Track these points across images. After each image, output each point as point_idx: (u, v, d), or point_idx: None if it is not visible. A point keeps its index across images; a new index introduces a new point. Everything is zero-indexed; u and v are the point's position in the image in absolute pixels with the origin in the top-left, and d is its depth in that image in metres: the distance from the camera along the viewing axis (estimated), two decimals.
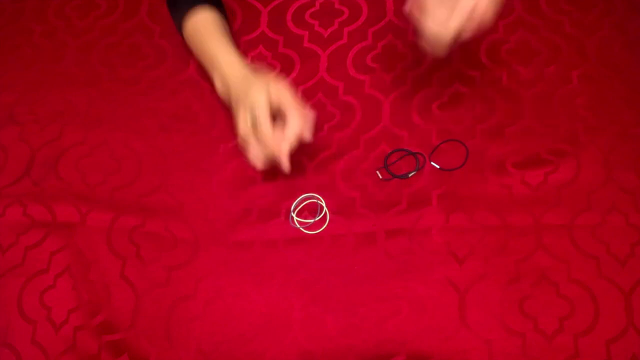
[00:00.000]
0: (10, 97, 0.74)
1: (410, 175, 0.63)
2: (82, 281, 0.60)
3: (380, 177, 0.64)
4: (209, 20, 0.67)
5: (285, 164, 0.58)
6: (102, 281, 0.60)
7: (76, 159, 0.68)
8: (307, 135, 0.59)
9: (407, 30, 0.74)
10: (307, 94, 0.71)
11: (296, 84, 0.72)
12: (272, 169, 0.62)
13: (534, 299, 0.56)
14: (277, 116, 0.59)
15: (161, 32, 0.78)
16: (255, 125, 0.58)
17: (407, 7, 0.57)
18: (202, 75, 0.74)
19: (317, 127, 0.69)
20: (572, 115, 0.66)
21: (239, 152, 0.68)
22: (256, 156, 0.59)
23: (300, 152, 0.67)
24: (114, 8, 0.81)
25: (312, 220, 0.63)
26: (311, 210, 0.64)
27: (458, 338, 0.55)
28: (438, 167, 0.63)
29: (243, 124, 0.59)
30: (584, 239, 0.58)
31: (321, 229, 0.62)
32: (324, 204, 0.64)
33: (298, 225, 0.63)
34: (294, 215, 0.63)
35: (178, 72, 0.75)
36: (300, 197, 0.64)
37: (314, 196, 0.64)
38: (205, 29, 0.66)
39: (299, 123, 0.58)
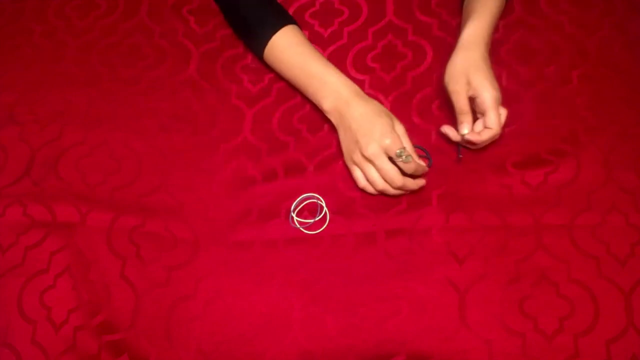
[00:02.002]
0: (10, 97, 0.74)
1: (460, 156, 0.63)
2: (82, 281, 0.60)
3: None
4: (293, 38, 0.69)
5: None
6: (102, 281, 0.60)
7: (76, 159, 0.68)
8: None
9: (407, 30, 0.74)
10: None
11: None
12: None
13: (534, 299, 0.56)
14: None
15: (161, 32, 0.78)
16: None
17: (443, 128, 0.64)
18: (202, 75, 0.74)
19: (317, 127, 0.69)
20: (572, 115, 0.66)
21: (239, 152, 0.68)
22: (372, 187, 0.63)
23: (300, 152, 0.67)
24: (114, 8, 0.81)
25: (312, 220, 0.63)
26: (311, 210, 0.64)
27: (458, 338, 0.55)
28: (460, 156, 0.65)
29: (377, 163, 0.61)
30: (584, 239, 0.58)
31: (321, 229, 0.62)
32: (324, 204, 0.64)
33: (298, 225, 0.63)
34: (294, 215, 0.63)
35: (178, 72, 0.75)
36: (300, 197, 0.64)
37: (314, 196, 0.64)
38: (298, 45, 0.68)
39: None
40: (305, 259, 0.61)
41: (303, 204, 0.64)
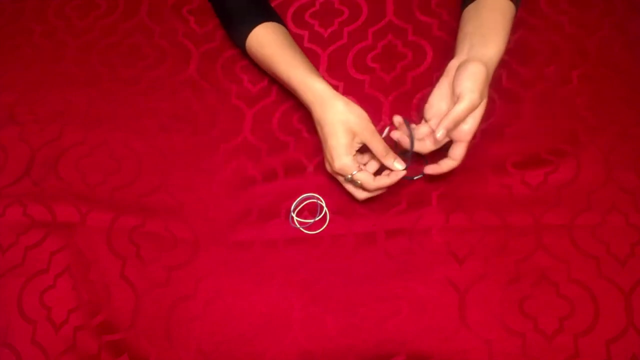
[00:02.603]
0: (10, 97, 0.74)
1: (415, 178, 0.63)
2: (82, 281, 0.60)
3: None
4: (272, 35, 0.66)
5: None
6: (102, 281, 0.60)
7: (76, 159, 0.68)
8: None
9: (407, 30, 0.74)
10: None
11: None
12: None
13: (534, 299, 0.56)
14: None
15: (161, 32, 0.78)
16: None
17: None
18: (202, 75, 0.74)
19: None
20: (572, 115, 0.66)
21: (239, 152, 0.68)
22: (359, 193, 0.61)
23: (300, 152, 0.67)
24: (114, 8, 0.81)
25: (312, 220, 0.63)
26: (311, 210, 0.64)
27: (458, 338, 0.55)
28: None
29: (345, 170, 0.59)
30: (584, 239, 0.58)
31: (321, 229, 0.62)
32: (324, 204, 0.64)
33: (298, 225, 0.63)
34: (294, 215, 0.63)
35: (178, 72, 0.75)
36: (300, 197, 0.64)
37: (314, 196, 0.64)
38: (272, 47, 0.65)
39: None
40: (305, 259, 0.61)
41: (303, 204, 0.64)
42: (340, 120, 0.58)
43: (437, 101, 0.60)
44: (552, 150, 0.64)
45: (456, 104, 0.56)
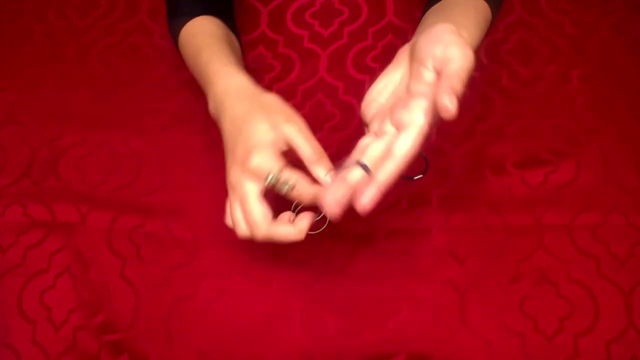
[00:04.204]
0: (10, 97, 0.74)
1: (415, 178, 0.63)
2: (82, 281, 0.60)
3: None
4: (207, 26, 0.59)
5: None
6: (102, 281, 0.60)
7: (76, 159, 0.68)
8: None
9: (407, 30, 0.74)
10: (307, 94, 0.71)
11: (296, 84, 0.72)
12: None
13: (534, 299, 0.56)
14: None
15: (161, 32, 0.78)
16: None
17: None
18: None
19: (317, 128, 0.69)
20: (572, 115, 0.66)
21: None
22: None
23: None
24: (114, 8, 0.81)
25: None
26: (311, 210, 0.63)
27: (458, 338, 0.55)
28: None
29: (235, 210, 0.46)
30: (584, 239, 0.58)
31: (321, 229, 0.62)
32: None
33: None
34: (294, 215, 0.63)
35: (178, 72, 0.75)
36: None
37: None
38: (202, 37, 0.57)
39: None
40: (305, 259, 0.61)
41: (303, 204, 0.64)
42: (259, 104, 0.46)
43: (377, 94, 0.47)
44: (552, 150, 0.64)
45: (448, 65, 0.39)
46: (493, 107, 0.67)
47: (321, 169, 0.44)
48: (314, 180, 0.44)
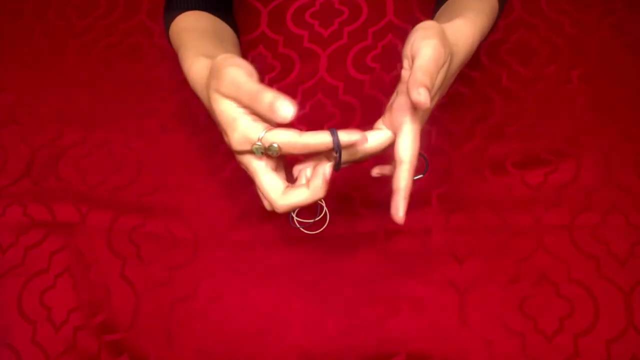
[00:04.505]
0: (10, 97, 0.75)
1: (415, 178, 0.63)
2: (82, 281, 0.60)
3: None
4: (192, 21, 0.58)
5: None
6: (102, 281, 0.60)
7: (76, 159, 0.68)
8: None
9: (407, 30, 0.74)
10: (307, 94, 0.71)
11: (296, 84, 0.72)
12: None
13: (534, 299, 0.56)
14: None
15: (161, 32, 0.78)
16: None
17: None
18: None
19: (317, 127, 0.69)
20: (572, 115, 0.66)
21: None
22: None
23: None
24: (114, 8, 0.81)
25: (312, 220, 0.63)
26: (311, 210, 0.64)
27: (458, 338, 0.55)
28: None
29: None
30: (584, 239, 0.58)
31: (321, 229, 0.62)
32: (324, 204, 0.64)
33: (298, 225, 0.63)
34: (293, 215, 0.63)
35: (178, 72, 0.74)
36: None
37: None
38: (184, 32, 0.56)
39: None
40: (305, 259, 0.61)
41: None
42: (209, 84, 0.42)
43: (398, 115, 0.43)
44: (552, 150, 0.64)
45: (415, 60, 0.40)
46: (493, 107, 0.67)
47: (263, 103, 0.39)
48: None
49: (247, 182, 0.66)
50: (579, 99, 0.67)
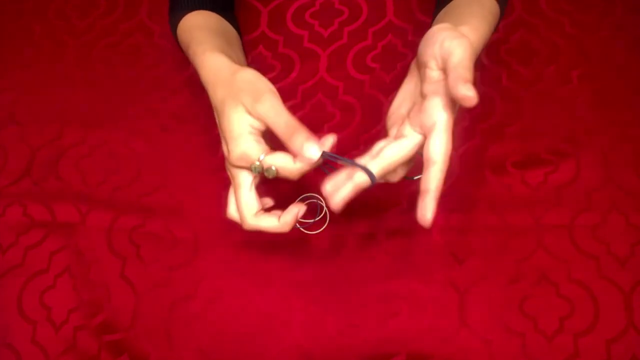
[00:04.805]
0: (10, 97, 0.75)
1: (415, 178, 0.63)
2: (82, 281, 0.60)
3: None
4: (199, 20, 0.59)
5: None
6: (102, 281, 0.60)
7: (76, 159, 0.68)
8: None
9: (407, 30, 0.74)
10: (307, 94, 0.71)
11: (296, 84, 0.72)
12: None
13: (534, 299, 0.56)
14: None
15: (161, 32, 0.78)
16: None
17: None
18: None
19: (317, 127, 0.69)
20: (572, 115, 0.66)
21: None
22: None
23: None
24: (114, 8, 0.81)
25: (312, 220, 0.63)
26: (311, 210, 0.64)
27: (458, 338, 0.55)
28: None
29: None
30: (584, 239, 0.58)
31: (321, 229, 0.62)
32: (324, 204, 0.64)
33: (298, 225, 0.63)
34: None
35: (178, 72, 0.75)
36: (300, 197, 0.64)
37: (314, 196, 0.64)
38: (193, 31, 0.57)
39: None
40: (305, 259, 0.61)
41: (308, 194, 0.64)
42: (231, 88, 0.44)
43: (397, 107, 0.47)
44: (552, 150, 0.64)
45: (450, 59, 0.39)
46: (493, 107, 0.67)
47: (296, 142, 0.42)
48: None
49: None
50: (579, 99, 0.67)
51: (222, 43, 0.54)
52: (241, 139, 0.43)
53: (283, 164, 0.43)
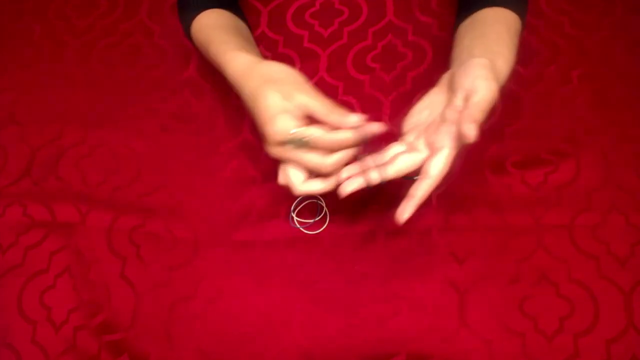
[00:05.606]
0: (10, 97, 0.75)
1: (415, 178, 0.63)
2: (82, 281, 0.60)
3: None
4: (214, 19, 0.62)
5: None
6: (102, 281, 0.60)
7: (76, 159, 0.68)
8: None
9: (407, 30, 0.74)
10: None
11: None
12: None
13: (534, 299, 0.56)
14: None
15: (161, 32, 0.78)
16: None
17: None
18: (202, 75, 0.74)
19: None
20: (572, 115, 0.66)
21: (239, 152, 0.68)
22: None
23: None
24: (114, 8, 0.81)
25: (312, 220, 0.63)
26: (311, 210, 0.64)
27: (458, 338, 0.55)
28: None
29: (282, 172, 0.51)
30: (584, 239, 0.58)
31: (321, 229, 0.62)
32: (324, 204, 0.64)
33: (298, 225, 0.63)
34: (293, 215, 0.63)
35: (178, 72, 0.75)
36: (300, 197, 0.64)
37: (314, 196, 0.64)
38: (210, 29, 0.60)
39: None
40: (305, 259, 0.61)
41: (303, 204, 0.64)
42: (266, 78, 0.49)
43: (418, 112, 0.52)
44: (552, 150, 0.64)
45: (472, 96, 0.45)
46: (493, 107, 0.67)
47: (336, 115, 0.48)
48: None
49: (247, 182, 0.66)
50: (579, 99, 0.67)
51: (241, 41, 0.58)
52: (277, 117, 0.47)
53: (315, 133, 0.47)
